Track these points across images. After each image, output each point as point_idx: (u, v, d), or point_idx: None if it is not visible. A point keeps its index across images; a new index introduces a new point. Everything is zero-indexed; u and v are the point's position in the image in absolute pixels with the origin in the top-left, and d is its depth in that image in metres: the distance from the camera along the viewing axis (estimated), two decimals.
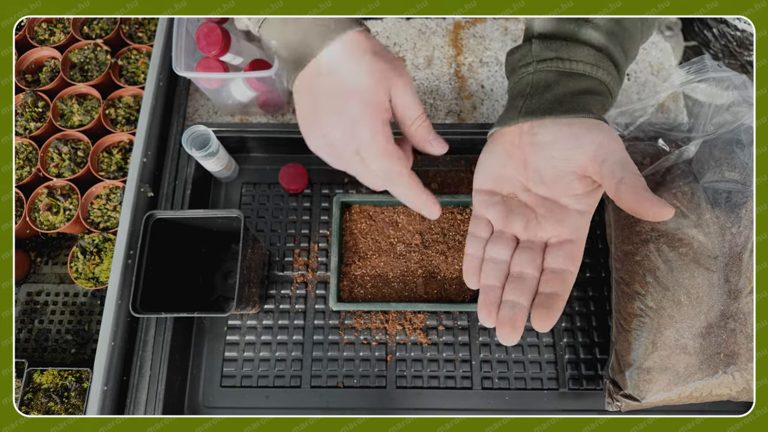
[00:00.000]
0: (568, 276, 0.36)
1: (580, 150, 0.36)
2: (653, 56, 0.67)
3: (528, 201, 0.39)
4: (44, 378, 0.55)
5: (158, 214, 0.50)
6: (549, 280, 0.36)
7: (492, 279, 0.38)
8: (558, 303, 0.35)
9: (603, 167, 0.35)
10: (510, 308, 0.36)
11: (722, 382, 0.47)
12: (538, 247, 0.38)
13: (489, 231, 0.40)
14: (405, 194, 0.41)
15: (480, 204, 0.41)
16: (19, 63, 0.67)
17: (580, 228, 0.37)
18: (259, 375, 0.56)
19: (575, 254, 0.37)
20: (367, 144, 0.39)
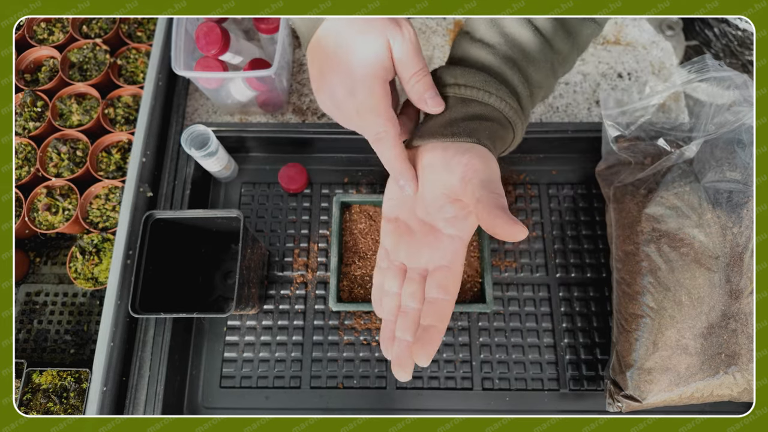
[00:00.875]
0: (442, 305, 0.36)
1: (449, 173, 0.36)
2: (654, 56, 0.67)
3: (413, 226, 0.39)
4: (43, 378, 0.55)
5: (157, 214, 0.50)
6: (426, 311, 0.36)
7: (387, 313, 0.39)
8: (433, 335, 0.35)
9: (467, 188, 0.35)
10: (398, 346, 0.36)
11: (723, 383, 0.47)
12: (419, 276, 0.38)
13: (387, 260, 0.41)
14: (385, 158, 0.39)
15: (382, 232, 0.41)
16: (18, 62, 0.67)
17: (454, 253, 0.37)
18: (259, 375, 0.56)
19: (449, 281, 0.36)
20: (362, 103, 0.38)
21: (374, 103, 0.38)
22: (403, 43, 0.37)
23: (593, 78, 0.66)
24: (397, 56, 0.37)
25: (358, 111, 0.38)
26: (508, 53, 0.39)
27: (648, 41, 0.68)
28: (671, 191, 0.50)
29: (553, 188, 0.63)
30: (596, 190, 0.62)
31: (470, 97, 0.38)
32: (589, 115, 0.64)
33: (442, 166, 0.37)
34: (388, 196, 0.42)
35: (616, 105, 0.54)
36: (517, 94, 0.39)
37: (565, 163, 0.63)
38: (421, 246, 0.38)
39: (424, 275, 0.38)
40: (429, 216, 0.39)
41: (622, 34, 0.68)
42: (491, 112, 0.39)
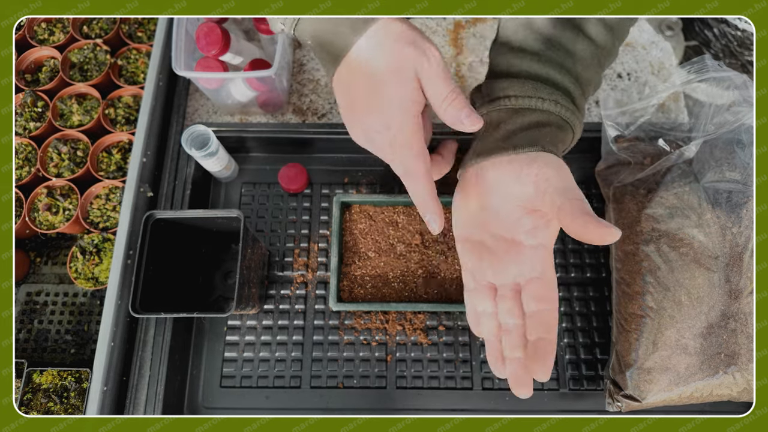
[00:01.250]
0: (546, 315, 0.36)
1: (521, 185, 0.36)
2: (654, 56, 0.67)
3: (490, 244, 0.39)
4: (44, 378, 0.55)
5: (158, 214, 0.50)
6: (531, 326, 0.36)
7: (487, 333, 0.39)
8: (546, 348, 0.35)
9: (545, 198, 0.35)
10: (511, 365, 0.36)
11: (723, 383, 0.47)
12: (511, 292, 0.38)
13: (474, 281, 0.41)
14: (414, 192, 0.40)
15: (461, 254, 0.41)
16: (19, 63, 0.67)
17: (543, 262, 0.37)
18: (259, 375, 0.56)
19: (546, 291, 0.36)
20: (395, 138, 0.38)
21: (407, 138, 0.38)
22: (429, 69, 0.36)
23: None
24: (425, 85, 0.37)
25: (390, 144, 0.38)
26: (554, 57, 0.39)
27: (647, 41, 0.68)
28: (671, 191, 0.50)
29: None
30: (596, 190, 0.62)
31: (525, 106, 0.38)
32: (589, 115, 0.64)
33: (512, 179, 0.37)
34: (453, 216, 0.42)
35: (615, 105, 0.54)
36: (570, 94, 0.39)
37: (565, 162, 0.63)
38: (505, 262, 0.38)
39: (517, 290, 0.38)
40: (507, 231, 0.38)
41: None
42: (548, 117, 0.38)
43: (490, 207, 0.39)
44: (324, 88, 0.66)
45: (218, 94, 0.61)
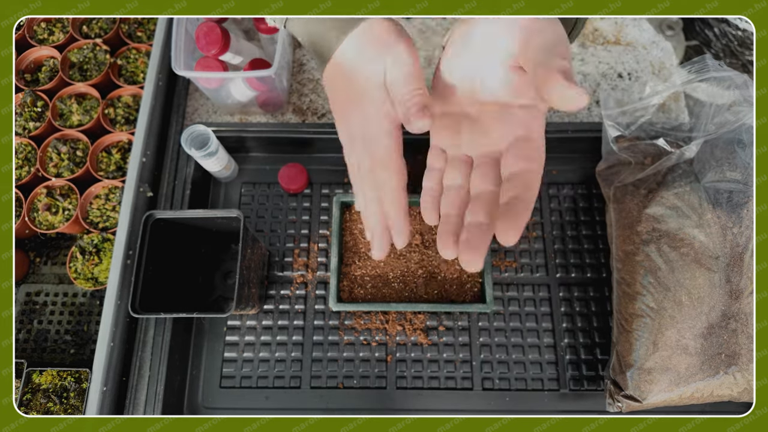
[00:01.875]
0: (529, 176, 0.31)
1: (510, 37, 0.31)
2: (654, 56, 0.67)
3: (472, 112, 0.35)
4: (43, 378, 0.55)
5: (157, 214, 0.50)
6: (508, 187, 0.31)
7: (449, 207, 0.34)
8: (520, 207, 0.30)
9: (528, 51, 0.30)
10: (468, 230, 0.31)
11: (723, 383, 0.47)
12: (492, 160, 0.33)
13: (444, 160, 0.36)
14: (386, 206, 0.37)
15: (434, 132, 0.37)
16: (18, 62, 0.67)
17: (532, 122, 0.33)
18: (259, 375, 0.56)
19: (533, 150, 0.32)
20: (374, 154, 0.36)
21: (382, 155, 0.36)
22: (394, 73, 0.34)
23: (593, 78, 0.66)
24: (391, 91, 0.35)
25: (370, 157, 0.37)
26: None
27: (648, 41, 0.68)
28: (671, 191, 0.50)
29: (553, 188, 0.63)
30: (596, 190, 0.62)
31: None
32: (590, 115, 0.64)
33: (502, 30, 0.32)
34: (433, 91, 0.37)
35: (616, 105, 0.54)
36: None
37: (566, 163, 0.63)
38: (488, 124, 0.33)
39: (497, 158, 0.33)
40: (492, 94, 0.34)
41: (622, 34, 0.68)
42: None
43: (476, 70, 0.34)
44: (324, 88, 0.66)
45: (218, 93, 0.61)
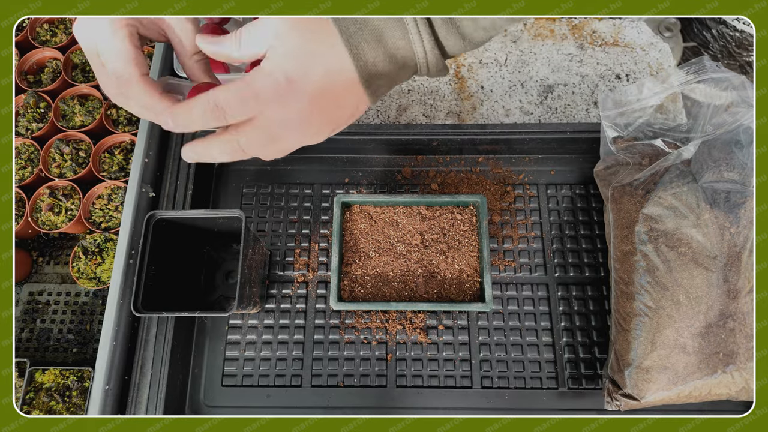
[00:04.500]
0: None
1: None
2: (652, 57, 0.67)
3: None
4: (46, 377, 0.55)
5: (160, 214, 0.50)
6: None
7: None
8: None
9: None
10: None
11: (721, 382, 0.48)
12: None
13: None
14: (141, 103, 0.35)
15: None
16: (21, 64, 0.67)
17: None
18: (260, 374, 0.56)
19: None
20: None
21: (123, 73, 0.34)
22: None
23: (591, 79, 0.66)
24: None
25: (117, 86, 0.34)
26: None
27: (646, 43, 0.68)
28: (669, 191, 0.50)
29: (551, 189, 0.63)
30: (594, 190, 0.62)
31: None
32: (588, 116, 0.64)
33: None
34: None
35: (614, 106, 0.54)
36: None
37: (564, 163, 0.64)
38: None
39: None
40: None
41: (620, 35, 0.69)
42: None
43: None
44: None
45: None
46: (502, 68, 0.67)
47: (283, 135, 0.33)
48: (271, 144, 0.34)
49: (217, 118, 0.32)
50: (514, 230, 0.61)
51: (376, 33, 0.31)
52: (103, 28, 0.34)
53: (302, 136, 0.34)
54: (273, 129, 0.32)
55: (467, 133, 0.61)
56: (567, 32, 0.69)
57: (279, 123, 0.32)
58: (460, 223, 0.58)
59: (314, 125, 0.33)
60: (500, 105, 0.65)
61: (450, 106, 0.65)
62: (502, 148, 0.63)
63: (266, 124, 0.32)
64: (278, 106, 0.31)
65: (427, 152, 0.64)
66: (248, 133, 0.33)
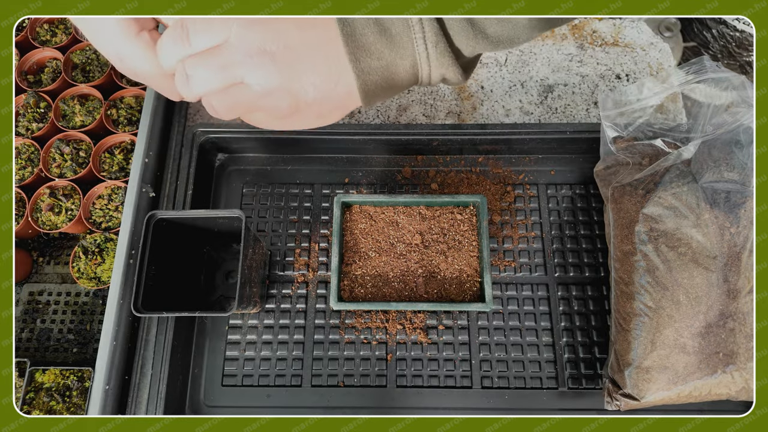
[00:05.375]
0: None
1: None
2: (652, 57, 0.67)
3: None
4: (46, 377, 0.55)
5: (160, 214, 0.50)
6: None
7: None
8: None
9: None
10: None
11: (721, 382, 0.48)
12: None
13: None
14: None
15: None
16: (21, 64, 0.67)
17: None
18: (260, 374, 0.56)
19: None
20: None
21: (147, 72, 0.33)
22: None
23: (591, 79, 0.66)
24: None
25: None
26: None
27: (646, 42, 0.68)
28: (669, 191, 0.50)
29: (551, 188, 0.63)
30: (594, 190, 0.62)
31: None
32: (588, 116, 0.64)
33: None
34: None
35: (614, 106, 0.54)
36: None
37: (564, 163, 0.64)
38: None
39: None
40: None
41: (621, 35, 0.69)
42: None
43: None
44: None
45: None
46: (502, 68, 0.67)
47: (285, 125, 0.33)
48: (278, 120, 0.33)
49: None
50: (514, 230, 0.61)
51: (379, 52, 0.30)
52: (119, 35, 0.34)
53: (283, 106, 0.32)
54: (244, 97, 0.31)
55: (467, 133, 0.61)
56: (567, 32, 0.69)
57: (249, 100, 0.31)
58: (460, 223, 0.58)
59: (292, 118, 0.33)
60: (500, 105, 0.65)
61: (450, 106, 0.65)
62: (502, 148, 0.63)
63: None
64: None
65: (427, 152, 0.64)
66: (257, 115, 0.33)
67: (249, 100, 0.31)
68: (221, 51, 0.30)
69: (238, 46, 0.30)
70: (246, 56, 0.30)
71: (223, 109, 0.32)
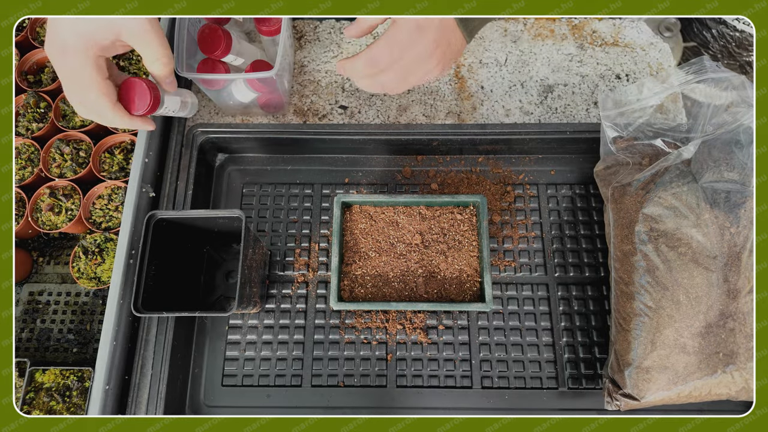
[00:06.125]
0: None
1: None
2: (652, 57, 0.67)
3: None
4: (46, 377, 0.55)
5: (160, 214, 0.50)
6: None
7: None
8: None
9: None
10: None
11: (721, 382, 0.48)
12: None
13: None
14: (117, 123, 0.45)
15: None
16: (21, 64, 0.67)
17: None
18: (260, 374, 0.56)
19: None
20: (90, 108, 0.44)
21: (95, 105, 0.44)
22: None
23: (591, 79, 0.66)
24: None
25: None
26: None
27: (646, 43, 0.68)
28: (669, 191, 0.50)
29: (551, 188, 0.63)
30: (594, 190, 0.62)
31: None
32: (588, 116, 0.64)
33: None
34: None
35: (614, 106, 0.54)
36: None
37: (564, 163, 0.64)
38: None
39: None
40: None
41: (621, 35, 0.69)
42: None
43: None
44: (325, 89, 0.67)
45: (220, 95, 0.61)
46: (502, 68, 0.67)
47: (413, 70, 0.42)
48: (403, 80, 0.43)
49: (373, 66, 0.42)
50: (514, 230, 0.61)
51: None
52: (72, 59, 0.42)
53: (427, 69, 0.42)
54: (408, 67, 0.42)
55: (467, 133, 0.61)
56: (567, 32, 0.69)
57: (412, 61, 0.41)
58: (460, 223, 0.58)
59: (435, 59, 0.42)
60: (500, 105, 0.65)
61: (450, 106, 0.65)
62: (502, 148, 0.63)
63: (403, 65, 0.42)
64: (412, 48, 0.41)
65: (427, 152, 0.64)
66: (388, 74, 0.42)
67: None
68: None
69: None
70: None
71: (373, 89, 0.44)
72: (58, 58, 0.42)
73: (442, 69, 0.43)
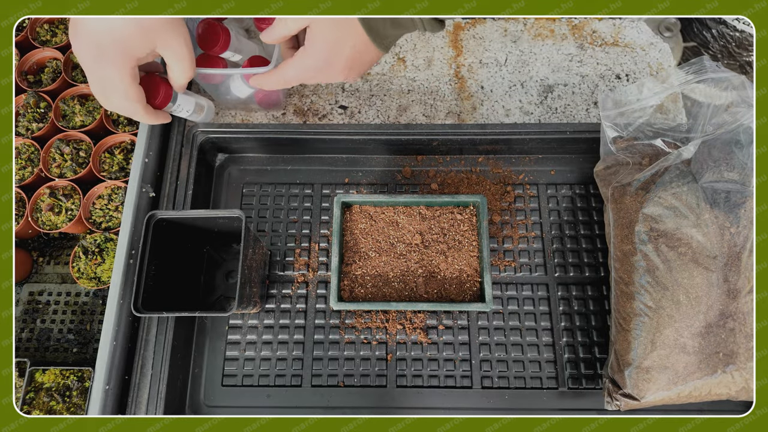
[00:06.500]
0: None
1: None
2: (652, 57, 0.67)
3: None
4: (46, 377, 0.55)
5: (160, 214, 0.50)
6: None
7: None
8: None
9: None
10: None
11: (721, 382, 0.48)
12: None
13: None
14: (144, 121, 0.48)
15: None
16: (21, 64, 0.67)
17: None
18: (260, 374, 0.56)
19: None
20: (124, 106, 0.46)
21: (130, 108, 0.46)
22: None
23: (591, 79, 0.66)
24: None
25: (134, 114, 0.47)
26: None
27: (646, 43, 0.68)
28: (669, 191, 0.50)
29: (551, 188, 0.63)
30: (594, 190, 0.62)
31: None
32: (588, 116, 0.64)
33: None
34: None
35: (614, 106, 0.54)
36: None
37: (564, 163, 0.64)
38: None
39: None
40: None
41: (621, 35, 0.69)
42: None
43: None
44: (324, 89, 0.67)
45: (218, 90, 0.61)
46: (502, 68, 0.67)
47: (327, 80, 0.45)
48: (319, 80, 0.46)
49: (284, 86, 0.46)
50: (514, 230, 0.61)
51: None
52: (109, 68, 0.43)
53: (335, 80, 0.45)
54: (317, 80, 0.45)
55: (467, 133, 0.61)
56: (567, 32, 0.69)
57: (321, 78, 0.44)
58: (460, 223, 0.58)
59: (343, 75, 0.44)
60: (500, 105, 0.65)
61: (450, 106, 0.65)
62: (502, 148, 0.63)
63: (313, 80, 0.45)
64: (324, 71, 0.43)
65: (427, 152, 0.64)
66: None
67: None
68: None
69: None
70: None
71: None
72: (92, 63, 0.42)
73: (353, 79, 0.46)
